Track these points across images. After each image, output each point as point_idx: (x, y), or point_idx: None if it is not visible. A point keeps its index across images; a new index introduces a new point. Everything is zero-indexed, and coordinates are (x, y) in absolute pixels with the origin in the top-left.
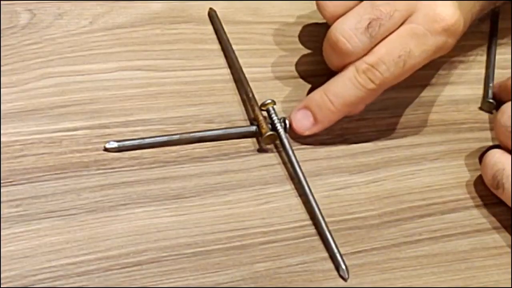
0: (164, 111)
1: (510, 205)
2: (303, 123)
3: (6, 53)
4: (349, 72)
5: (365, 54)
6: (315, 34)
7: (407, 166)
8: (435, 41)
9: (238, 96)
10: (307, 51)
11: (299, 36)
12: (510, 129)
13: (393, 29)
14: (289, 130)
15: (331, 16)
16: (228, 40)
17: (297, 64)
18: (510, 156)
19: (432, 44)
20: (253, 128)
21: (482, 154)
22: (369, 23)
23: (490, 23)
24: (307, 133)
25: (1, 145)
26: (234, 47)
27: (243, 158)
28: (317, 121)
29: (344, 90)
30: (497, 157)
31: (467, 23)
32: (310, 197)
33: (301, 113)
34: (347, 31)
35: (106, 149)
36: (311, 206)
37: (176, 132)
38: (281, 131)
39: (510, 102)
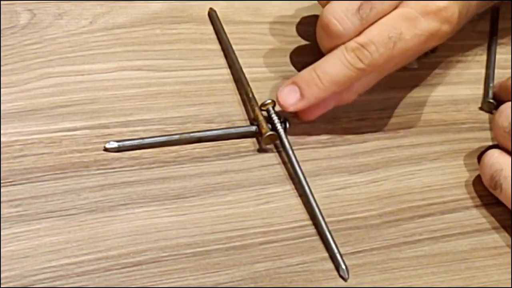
0: (164, 111)
1: (507, 205)
2: (289, 98)
3: (6, 53)
4: (339, 50)
5: (356, 36)
6: (315, 34)
7: (407, 166)
8: (427, 26)
9: (238, 96)
10: (307, 51)
11: (299, 36)
12: (508, 130)
13: (384, 13)
14: (289, 130)
15: (324, 0)
16: (228, 40)
17: (297, 64)
18: (508, 157)
19: (424, 29)
20: (253, 128)
21: (480, 154)
22: (360, 5)
23: (490, 23)
24: (291, 108)
25: (1, 145)
26: (234, 47)
27: (243, 158)
28: (303, 97)
29: (333, 68)
30: (495, 157)
31: (462, 14)
32: (310, 197)
33: (288, 88)
34: (338, 13)
35: (106, 149)
36: (311, 206)
37: (176, 132)
38: (281, 131)
39: (508, 103)
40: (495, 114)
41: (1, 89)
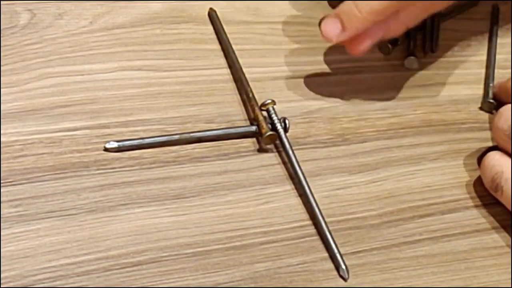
0: (164, 111)
1: (508, 207)
2: (332, 30)
3: (6, 53)
4: None
5: None
6: (315, 34)
7: (407, 166)
8: None
9: (238, 96)
10: (307, 51)
11: (299, 36)
12: (507, 133)
13: None
14: (289, 130)
15: None
16: (228, 40)
17: (297, 64)
18: (509, 159)
19: None
20: (253, 128)
21: (481, 156)
22: None
23: (490, 23)
24: (335, 40)
25: (1, 145)
26: (234, 47)
27: (243, 158)
28: (344, 28)
29: None
30: (496, 159)
31: None
32: (310, 197)
33: (330, 21)
34: None
35: (106, 149)
36: (311, 206)
37: (176, 132)
38: (281, 131)
39: (507, 105)
40: (494, 116)
41: (1, 89)
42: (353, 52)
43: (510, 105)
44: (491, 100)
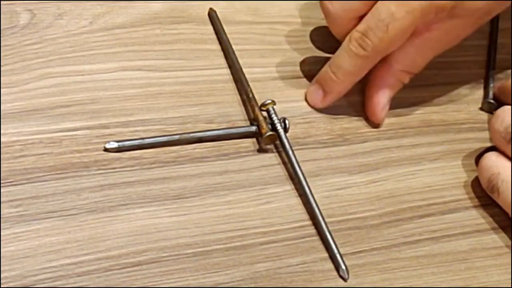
0: (164, 111)
1: (505, 208)
2: (315, 97)
3: (6, 53)
4: (345, 42)
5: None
6: (315, 34)
7: (407, 166)
8: (418, 2)
9: (238, 96)
10: (307, 51)
11: (299, 36)
12: (503, 135)
13: None
14: (289, 130)
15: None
16: (228, 40)
17: (297, 64)
18: (505, 160)
19: (415, 6)
20: (253, 128)
21: (478, 157)
22: None
23: (490, 23)
24: (320, 106)
25: (1, 145)
26: (234, 47)
27: (243, 158)
28: (326, 94)
29: (342, 61)
30: (493, 160)
31: None
32: (310, 197)
33: (312, 88)
34: None
35: (106, 149)
36: (311, 206)
37: (176, 132)
38: (281, 131)
39: (504, 107)
40: (491, 117)
41: (1, 89)
42: (375, 121)
43: (506, 106)
44: (491, 101)
